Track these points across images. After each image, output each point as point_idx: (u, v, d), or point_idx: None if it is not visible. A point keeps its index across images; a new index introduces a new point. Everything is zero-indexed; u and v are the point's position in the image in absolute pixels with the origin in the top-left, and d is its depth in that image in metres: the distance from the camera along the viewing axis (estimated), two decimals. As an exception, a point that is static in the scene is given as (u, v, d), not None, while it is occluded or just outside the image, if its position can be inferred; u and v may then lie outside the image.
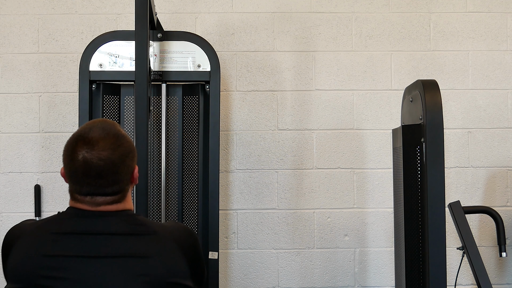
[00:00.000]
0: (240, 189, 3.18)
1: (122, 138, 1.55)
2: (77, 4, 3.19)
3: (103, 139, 1.52)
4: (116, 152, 1.52)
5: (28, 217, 3.11)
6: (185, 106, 2.74)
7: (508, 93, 3.25)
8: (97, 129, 1.54)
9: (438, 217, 2.27)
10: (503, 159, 3.23)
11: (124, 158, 1.54)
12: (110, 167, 1.51)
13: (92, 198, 1.53)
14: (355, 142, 3.22)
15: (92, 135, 1.52)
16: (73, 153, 1.51)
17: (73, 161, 1.51)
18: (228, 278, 3.18)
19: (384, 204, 3.20)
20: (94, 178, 1.51)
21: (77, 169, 1.51)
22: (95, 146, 1.50)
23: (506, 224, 3.08)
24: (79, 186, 1.53)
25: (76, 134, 1.54)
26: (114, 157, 1.51)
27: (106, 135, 1.53)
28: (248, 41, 3.21)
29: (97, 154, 1.50)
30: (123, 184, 1.55)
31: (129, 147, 1.56)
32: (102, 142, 1.51)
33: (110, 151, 1.51)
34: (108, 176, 1.51)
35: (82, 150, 1.50)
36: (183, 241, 1.58)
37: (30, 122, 3.15)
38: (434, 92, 2.33)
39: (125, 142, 1.56)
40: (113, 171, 1.51)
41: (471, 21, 3.26)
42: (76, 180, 1.53)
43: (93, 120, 1.62)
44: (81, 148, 1.50)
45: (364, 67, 3.23)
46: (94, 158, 1.49)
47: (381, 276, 3.20)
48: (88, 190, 1.52)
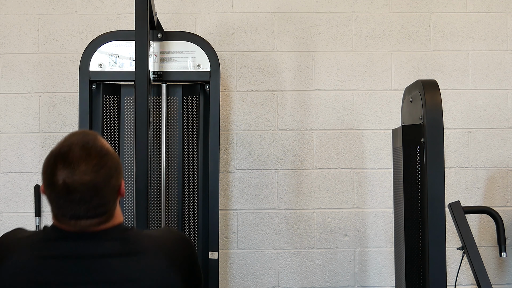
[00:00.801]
0: (240, 189, 3.18)
1: (105, 156, 1.42)
2: (77, 4, 3.19)
3: (84, 160, 1.38)
4: (100, 175, 1.39)
5: (28, 217, 3.11)
6: (185, 106, 2.74)
7: (508, 93, 3.25)
8: (77, 147, 1.40)
9: (438, 217, 2.27)
10: (503, 159, 3.23)
11: (109, 179, 1.41)
12: (94, 192, 1.38)
13: (77, 222, 1.41)
14: (355, 142, 3.22)
15: (72, 155, 1.38)
16: (53, 176, 1.38)
17: (53, 185, 1.38)
18: (228, 278, 3.18)
19: (384, 204, 3.20)
20: (76, 204, 1.38)
21: (58, 194, 1.38)
22: (76, 169, 1.37)
23: (506, 224, 3.08)
24: (61, 210, 1.40)
25: (55, 153, 1.41)
26: (98, 179, 1.38)
27: (88, 155, 1.39)
28: (248, 41, 3.21)
29: (79, 178, 1.36)
30: (109, 205, 1.43)
31: (113, 165, 1.43)
32: (83, 164, 1.37)
33: (93, 174, 1.38)
34: (92, 201, 1.39)
35: (62, 174, 1.37)
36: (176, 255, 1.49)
37: (30, 122, 3.15)
38: (434, 92, 2.33)
39: (109, 161, 1.42)
40: (97, 195, 1.39)
41: (471, 21, 3.26)
42: (58, 205, 1.40)
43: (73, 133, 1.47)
44: (61, 171, 1.37)
45: (364, 67, 3.23)
46: (76, 183, 1.36)
47: (381, 276, 3.20)
48: (71, 215, 1.39)
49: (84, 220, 1.40)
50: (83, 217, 1.40)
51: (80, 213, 1.39)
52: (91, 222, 1.41)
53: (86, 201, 1.38)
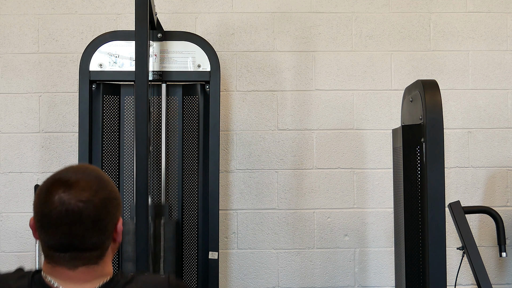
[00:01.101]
0: (240, 189, 3.18)
1: (106, 182, 1.33)
2: (77, 4, 3.19)
3: (83, 180, 1.29)
4: (99, 195, 1.29)
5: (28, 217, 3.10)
6: (185, 106, 2.74)
7: (508, 93, 3.25)
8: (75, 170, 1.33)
9: (438, 217, 2.27)
10: (503, 159, 3.23)
11: (108, 203, 1.30)
12: (90, 211, 1.27)
13: (69, 255, 1.29)
14: (355, 142, 3.22)
15: (70, 176, 1.30)
16: (47, 195, 1.28)
17: (46, 204, 1.27)
18: (228, 278, 3.18)
19: (384, 204, 3.20)
20: (70, 224, 1.26)
21: (50, 213, 1.26)
22: (73, 186, 1.27)
23: (506, 224, 3.08)
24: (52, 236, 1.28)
25: (52, 178, 1.32)
26: (96, 200, 1.28)
27: (87, 176, 1.31)
28: (248, 41, 3.21)
29: (76, 194, 1.27)
30: (104, 237, 1.31)
31: (113, 192, 1.34)
32: (82, 182, 1.28)
33: (91, 193, 1.28)
34: (87, 223, 1.27)
35: (58, 191, 1.27)
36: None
37: (30, 122, 3.15)
38: (434, 92, 2.33)
39: (109, 186, 1.33)
40: (94, 217, 1.28)
41: (471, 21, 3.26)
42: (49, 228, 1.27)
43: (72, 165, 1.39)
44: (57, 189, 1.27)
45: (364, 67, 3.23)
46: (72, 199, 1.26)
47: (381, 276, 3.20)
48: (62, 242, 1.27)
49: (77, 253, 1.29)
50: (75, 248, 1.29)
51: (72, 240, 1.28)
52: (84, 255, 1.30)
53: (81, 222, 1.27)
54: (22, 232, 3.11)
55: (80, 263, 1.30)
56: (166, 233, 2.66)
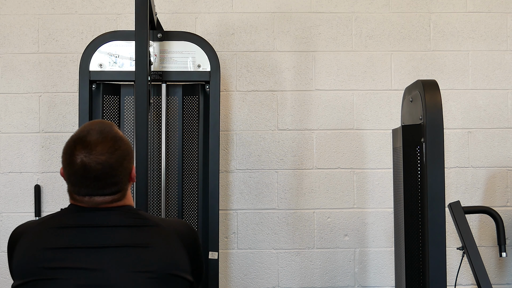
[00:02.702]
0: (240, 189, 3.18)
1: (120, 141, 1.58)
2: (77, 4, 3.19)
3: (101, 143, 1.54)
4: (114, 156, 1.55)
5: (28, 217, 3.11)
6: (185, 106, 2.74)
7: (508, 93, 3.25)
8: (95, 132, 1.57)
9: (438, 217, 2.27)
10: (503, 159, 3.23)
11: (122, 161, 1.57)
12: (108, 170, 1.54)
13: (91, 198, 1.56)
14: (355, 142, 3.22)
15: (90, 138, 1.55)
16: (72, 156, 1.54)
17: (71, 164, 1.54)
18: (228, 278, 3.18)
19: (384, 204, 3.20)
20: (92, 180, 1.54)
21: (76, 172, 1.54)
22: (93, 150, 1.53)
23: (506, 224, 3.08)
24: (77, 187, 1.56)
25: (75, 137, 1.57)
26: (112, 160, 1.54)
27: (104, 139, 1.56)
28: (248, 41, 3.21)
29: (95, 158, 1.53)
30: (121, 185, 1.59)
31: (126, 149, 1.59)
32: (100, 146, 1.54)
33: (108, 155, 1.54)
34: (106, 179, 1.54)
35: (80, 154, 1.53)
36: (185, 236, 1.61)
37: (30, 122, 3.15)
38: (434, 92, 2.33)
39: (123, 145, 1.59)
40: (111, 174, 1.55)
41: (471, 21, 3.26)
42: (75, 182, 1.55)
43: (91, 122, 1.65)
44: (79, 152, 1.53)
45: (364, 67, 3.23)
46: (92, 162, 1.52)
47: (381, 276, 3.20)
48: (86, 192, 1.55)
49: (97, 197, 1.56)
50: (97, 194, 1.55)
51: (94, 190, 1.54)
52: (104, 199, 1.56)
53: (101, 179, 1.53)
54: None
55: (100, 202, 1.57)
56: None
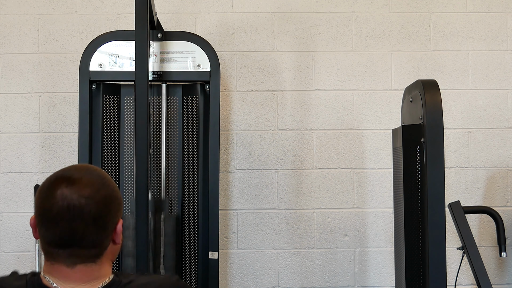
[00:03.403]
0: (240, 189, 3.18)
1: (108, 181, 1.35)
2: (77, 4, 3.19)
3: (86, 177, 1.31)
4: (101, 192, 1.30)
5: (28, 217, 3.10)
6: (185, 106, 2.74)
7: (508, 93, 3.25)
8: (78, 169, 1.35)
9: (438, 217, 2.27)
10: (503, 159, 3.23)
11: (109, 201, 1.32)
12: (92, 207, 1.28)
13: (68, 251, 1.29)
14: (355, 142, 3.22)
15: (73, 173, 1.32)
16: (49, 190, 1.29)
17: (47, 199, 1.28)
18: (228, 278, 3.18)
19: (384, 204, 3.20)
20: (71, 220, 1.27)
21: (51, 208, 1.27)
22: (76, 182, 1.29)
23: (506, 224, 3.08)
24: (51, 232, 1.28)
25: (54, 175, 1.33)
26: (98, 197, 1.29)
27: (90, 174, 1.33)
28: (248, 41, 3.21)
29: (78, 190, 1.28)
30: (103, 235, 1.31)
31: (115, 192, 1.35)
32: (85, 179, 1.30)
33: (94, 190, 1.29)
34: (88, 219, 1.28)
35: (61, 187, 1.28)
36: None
37: (30, 122, 3.15)
38: (434, 92, 2.33)
39: (112, 186, 1.35)
40: (95, 213, 1.28)
41: (471, 21, 3.26)
42: (49, 222, 1.28)
43: (75, 164, 1.42)
44: (59, 184, 1.28)
45: (364, 67, 3.23)
46: (74, 194, 1.27)
47: (381, 276, 3.20)
48: (62, 237, 1.28)
49: (76, 249, 1.29)
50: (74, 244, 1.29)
51: (71, 236, 1.28)
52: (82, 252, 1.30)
53: (82, 218, 1.28)
54: (22, 232, 3.11)
55: (79, 260, 1.30)
56: (166, 229, 2.66)
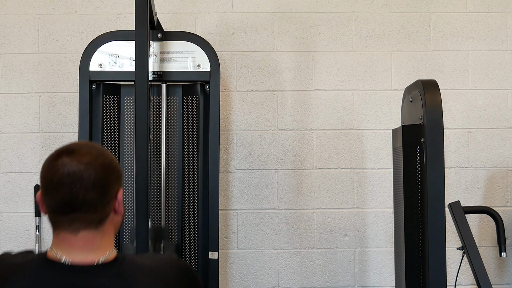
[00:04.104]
0: (240, 189, 3.18)
1: (107, 153, 1.41)
2: (77, 4, 3.19)
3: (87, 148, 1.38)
4: (99, 160, 1.36)
5: (28, 217, 3.11)
6: (185, 106, 2.74)
7: (508, 93, 3.25)
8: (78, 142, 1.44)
9: (438, 217, 2.27)
10: (503, 159, 3.23)
11: (108, 168, 1.37)
12: (91, 172, 1.34)
13: (70, 217, 1.35)
14: (355, 142, 3.22)
15: (73, 146, 1.39)
16: (51, 162, 1.36)
17: (49, 169, 1.36)
18: (228, 278, 3.18)
19: (384, 204, 3.20)
20: (71, 185, 1.33)
21: (53, 176, 1.34)
22: (75, 152, 1.36)
23: (506, 224, 3.08)
24: (54, 199, 1.35)
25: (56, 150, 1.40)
26: (97, 164, 1.35)
27: (89, 145, 1.41)
28: (248, 41, 3.21)
29: (78, 157, 1.34)
30: (104, 200, 1.37)
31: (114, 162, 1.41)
32: (85, 149, 1.37)
33: (92, 157, 1.36)
34: (88, 183, 1.34)
35: (62, 157, 1.35)
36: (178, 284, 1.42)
37: (30, 122, 3.15)
38: (434, 92, 2.33)
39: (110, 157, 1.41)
40: (94, 178, 1.34)
41: (471, 21, 3.26)
42: (52, 190, 1.35)
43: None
44: (60, 155, 1.36)
45: (364, 67, 3.23)
46: (74, 161, 1.33)
47: (381, 276, 3.20)
48: (63, 203, 1.34)
49: (77, 214, 1.34)
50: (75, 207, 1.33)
51: (72, 198, 1.33)
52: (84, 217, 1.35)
53: (82, 180, 1.33)
54: (22, 232, 3.11)
55: (82, 226, 1.36)
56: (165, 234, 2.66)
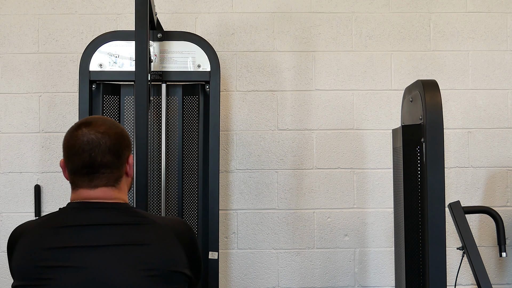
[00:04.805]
0: (240, 189, 3.18)
1: (120, 126, 1.68)
2: (77, 4, 3.19)
3: (102, 120, 1.65)
4: (113, 130, 1.63)
5: (28, 217, 3.11)
6: (185, 106, 2.74)
7: (508, 93, 3.25)
8: (94, 116, 1.77)
9: (438, 217, 2.27)
10: (503, 159, 3.23)
11: (120, 137, 1.64)
12: (106, 139, 1.60)
13: (90, 177, 1.60)
14: (355, 142, 3.22)
15: (90, 119, 1.67)
16: (72, 132, 1.62)
17: (71, 138, 1.61)
18: (228, 278, 3.18)
19: (384, 204, 3.20)
20: (90, 150, 1.58)
21: (75, 143, 1.59)
22: (93, 123, 1.62)
23: (506, 224, 3.08)
24: (76, 162, 1.60)
25: (75, 123, 1.66)
26: (111, 132, 1.61)
27: (106, 120, 1.66)
28: (248, 41, 3.21)
29: (95, 128, 1.60)
30: (118, 163, 1.63)
31: (125, 132, 1.68)
32: (100, 121, 1.63)
33: (107, 127, 1.62)
34: (104, 148, 1.59)
35: (81, 127, 1.61)
36: (181, 233, 1.64)
37: (30, 122, 3.15)
38: (434, 92, 2.33)
39: (122, 128, 1.68)
40: (110, 145, 1.60)
41: (471, 21, 3.26)
42: (73, 155, 1.60)
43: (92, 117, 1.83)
44: (79, 127, 1.62)
45: (364, 67, 3.23)
46: (91, 131, 1.59)
47: (381, 276, 3.20)
48: (84, 165, 1.59)
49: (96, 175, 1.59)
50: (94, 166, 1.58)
51: (92, 159, 1.58)
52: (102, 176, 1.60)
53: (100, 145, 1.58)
54: (22, 232, 3.11)
55: (100, 183, 1.61)
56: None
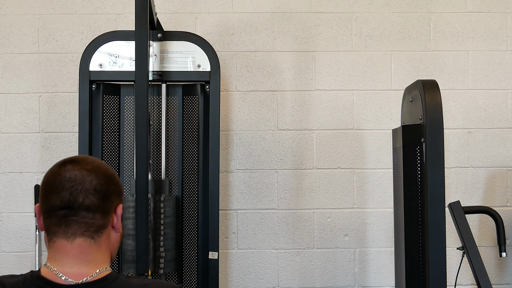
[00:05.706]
0: (240, 189, 3.18)
1: (113, 171, 1.42)
2: (77, 4, 3.19)
3: (91, 159, 1.40)
4: (102, 170, 1.37)
5: (28, 217, 3.11)
6: (185, 106, 2.74)
7: (508, 93, 3.25)
8: (86, 156, 1.46)
9: (438, 217, 2.27)
10: (503, 159, 3.23)
11: (110, 179, 1.38)
12: (93, 178, 1.34)
13: (67, 221, 1.33)
14: (355, 142, 3.22)
15: (79, 157, 1.41)
16: (54, 169, 1.36)
17: (51, 175, 1.35)
18: (228, 278, 3.18)
19: (384, 204, 3.20)
20: (71, 188, 1.32)
21: (54, 180, 1.34)
22: (79, 161, 1.37)
23: (506, 224, 3.08)
24: (54, 196, 1.33)
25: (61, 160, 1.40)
26: (99, 172, 1.36)
27: (96, 159, 1.42)
28: (248, 41, 3.21)
29: (81, 165, 1.35)
30: (104, 209, 1.36)
31: (116, 176, 1.41)
32: (90, 159, 1.39)
33: (95, 166, 1.37)
34: (89, 187, 1.34)
35: (65, 165, 1.36)
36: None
37: (30, 122, 3.15)
38: (434, 92, 2.33)
39: (112, 171, 1.42)
40: (95, 184, 1.34)
41: (471, 21, 3.26)
42: (51, 190, 1.33)
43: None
44: (64, 164, 1.36)
45: (364, 67, 3.23)
46: (76, 167, 1.34)
47: (381, 276, 3.20)
48: (61, 199, 1.32)
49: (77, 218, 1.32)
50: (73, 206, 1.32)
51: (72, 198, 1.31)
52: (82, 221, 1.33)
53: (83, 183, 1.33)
54: (22, 232, 3.11)
55: (78, 231, 1.33)
56: (165, 229, 2.66)
